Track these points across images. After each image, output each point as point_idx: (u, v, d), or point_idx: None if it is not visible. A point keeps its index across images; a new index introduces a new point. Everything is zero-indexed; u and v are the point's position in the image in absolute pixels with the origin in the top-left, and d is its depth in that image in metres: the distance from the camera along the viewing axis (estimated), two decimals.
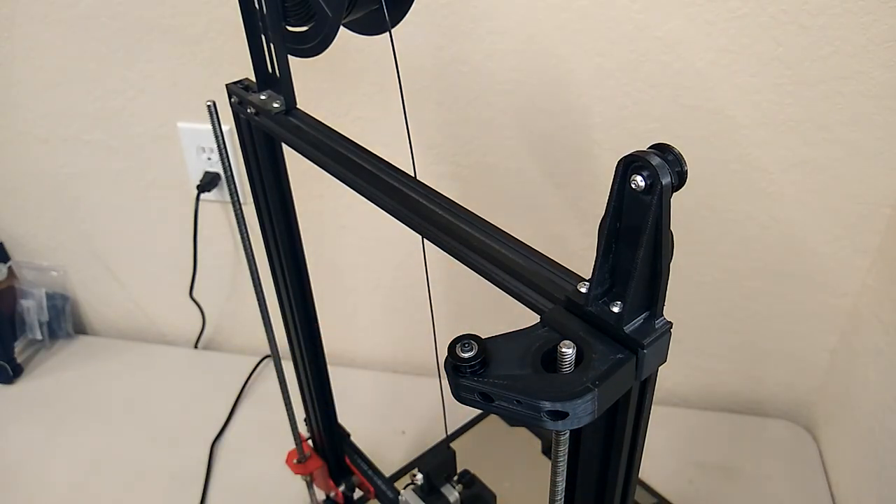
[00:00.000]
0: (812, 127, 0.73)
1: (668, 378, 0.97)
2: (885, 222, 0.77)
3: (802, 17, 0.67)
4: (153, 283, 1.10)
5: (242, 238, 0.63)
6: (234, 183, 0.60)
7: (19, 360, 1.07)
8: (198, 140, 0.93)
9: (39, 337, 1.09)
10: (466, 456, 0.84)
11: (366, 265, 0.99)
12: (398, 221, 0.46)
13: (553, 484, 0.37)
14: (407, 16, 0.50)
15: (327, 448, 0.76)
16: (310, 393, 0.73)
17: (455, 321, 1.01)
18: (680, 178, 0.30)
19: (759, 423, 0.95)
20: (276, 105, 0.53)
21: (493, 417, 0.92)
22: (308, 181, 0.89)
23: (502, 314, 0.96)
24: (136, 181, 0.99)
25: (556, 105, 0.78)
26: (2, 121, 0.97)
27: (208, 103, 0.56)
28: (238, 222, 0.62)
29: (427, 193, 0.45)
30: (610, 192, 0.31)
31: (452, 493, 0.66)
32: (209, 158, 0.94)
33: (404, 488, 0.66)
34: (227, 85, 0.57)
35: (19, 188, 1.04)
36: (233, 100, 0.56)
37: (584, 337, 0.33)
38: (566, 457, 0.36)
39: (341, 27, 0.47)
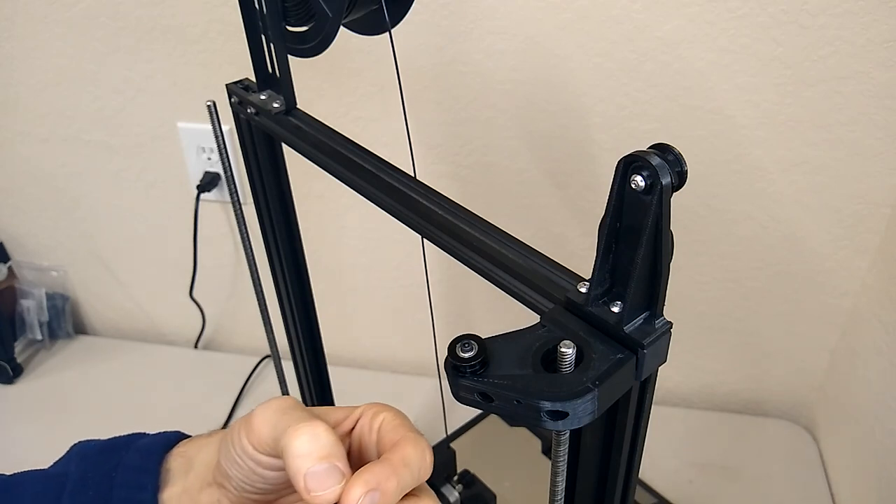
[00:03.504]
0: (812, 127, 0.73)
1: (668, 378, 0.97)
2: (885, 222, 0.77)
3: (802, 17, 0.67)
4: (153, 283, 1.10)
5: (242, 238, 0.63)
6: (234, 183, 0.60)
7: (19, 360, 1.07)
8: (198, 140, 0.93)
9: (39, 337, 1.09)
10: (466, 456, 0.84)
11: (366, 265, 0.99)
12: (398, 221, 0.46)
13: (553, 484, 0.37)
14: (407, 16, 0.50)
15: None
16: (310, 393, 0.73)
17: (455, 321, 1.01)
18: (680, 178, 0.30)
19: (759, 423, 0.95)
20: (276, 105, 0.53)
21: (493, 417, 0.92)
22: (308, 181, 0.89)
23: (502, 314, 0.96)
24: (136, 181, 0.99)
25: (556, 105, 0.78)
26: (2, 121, 0.97)
27: (208, 103, 0.56)
28: (238, 222, 0.62)
29: (427, 193, 0.45)
30: (610, 192, 0.32)
31: (452, 493, 0.67)
32: (209, 158, 0.94)
33: None
34: (227, 85, 0.57)
35: (19, 188, 1.04)
36: (233, 100, 0.56)
37: (584, 337, 0.33)
38: (566, 457, 0.36)
39: (341, 27, 0.47)
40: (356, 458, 0.36)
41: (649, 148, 0.30)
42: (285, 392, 0.74)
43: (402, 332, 1.05)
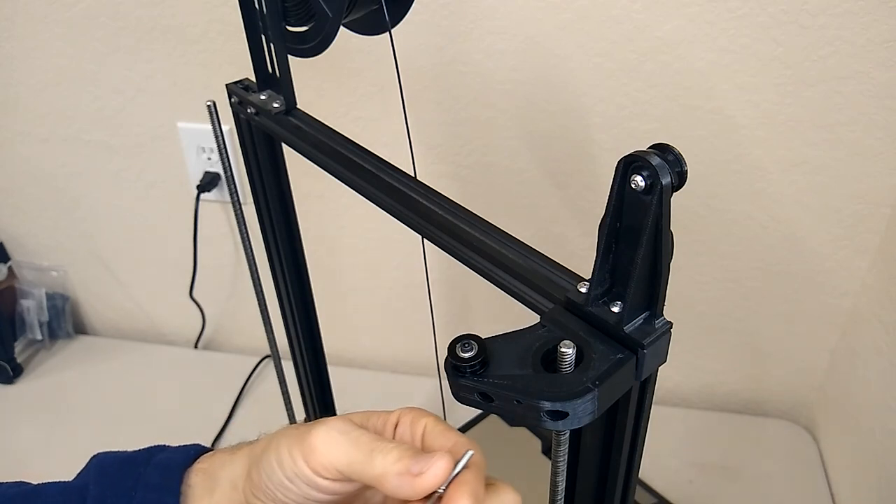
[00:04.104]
0: (812, 127, 0.73)
1: (668, 378, 0.97)
2: (885, 222, 0.77)
3: (802, 17, 0.67)
4: (153, 283, 1.10)
5: (242, 238, 0.63)
6: (234, 183, 0.60)
7: (19, 360, 1.07)
8: (198, 140, 0.93)
9: (39, 337, 1.09)
10: None
11: (366, 265, 0.99)
12: (398, 221, 0.46)
13: (553, 484, 0.37)
14: (407, 16, 0.50)
15: None
16: (310, 393, 0.73)
17: (455, 321, 1.00)
18: (680, 178, 0.30)
19: (759, 423, 0.95)
20: (276, 105, 0.53)
21: (493, 417, 0.92)
22: (308, 181, 0.89)
23: (502, 314, 0.96)
24: (136, 181, 0.99)
25: (556, 105, 0.78)
26: (2, 121, 0.97)
27: (208, 103, 0.56)
28: (238, 222, 0.62)
29: (427, 193, 0.45)
30: (610, 192, 0.32)
31: None
32: (209, 158, 0.94)
33: None
34: (227, 85, 0.57)
35: (19, 188, 1.04)
36: (233, 100, 0.56)
37: (584, 337, 0.33)
38: (566, 457, 0.36)
39: (341, 27, 0.47)
40: None
41: (649, 148, 0.30)
42: (285, 392, 0.74)
43: (402, 332, 1.05)
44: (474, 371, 0.32)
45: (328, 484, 0.34)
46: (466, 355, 0.32)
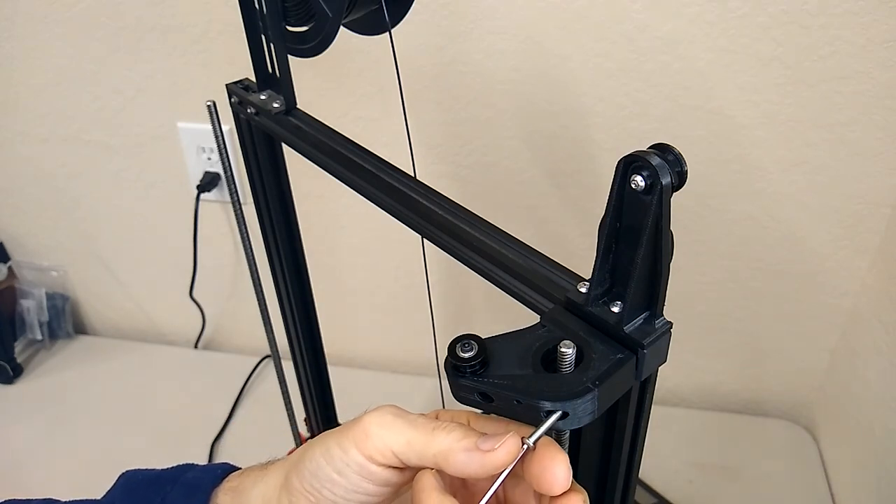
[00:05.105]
0: (812, 127, 0.73)
1: (668, 378, 0.97)
2: (885, 222, 0.77)
3: (802, 17, 0.67)
4: (153, 283, 1.10)
5: (242, 238, 0.63)
6: (234, 183, 0.60)
7: (19, 360, 1.07)
8: (198, 140, 0.93)
9: (39, 337, 1.09)
10: None
11: (366, 265, 0.99)
12: (398, 221, 0.46)
13: None
14: (407, 16, 0.50)
15: None
16: (310, 393, 0.73)
17: (455, 321, 1.00)
18: (680, 178, 0.30)
19: (759, 423, 0.95)
20: (276, 105, 0.53)
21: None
22: (308, 181, 0.89)
23: (502, 314, 0.96)
24: (136, 181, 0.99)
25: (556, 105, 0.78)
26: (2, 121, 0.97)
27: (208, 103, 0.56)
28: (238, 222, 0.62)
29: (427, 193, 0.45)
30: (610, 192, 0.32)
31: None
32: (209, 158, 0.94)
33: None
34: (227, 85, 0.57)
35: (19, 188, 1.04)
36: (233, 100, 0.56)
37: (584, 337, 0.33)
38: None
39: (341, 27, 0.47)
40: None
41: (649, 148, 0.30)
42: (285, 392, 0.74)
43: (402, 332, 1.05)
44: (474, 371, 0.32)
45: (380, 471, 0.33)
46: (466, 355, 0.32)
